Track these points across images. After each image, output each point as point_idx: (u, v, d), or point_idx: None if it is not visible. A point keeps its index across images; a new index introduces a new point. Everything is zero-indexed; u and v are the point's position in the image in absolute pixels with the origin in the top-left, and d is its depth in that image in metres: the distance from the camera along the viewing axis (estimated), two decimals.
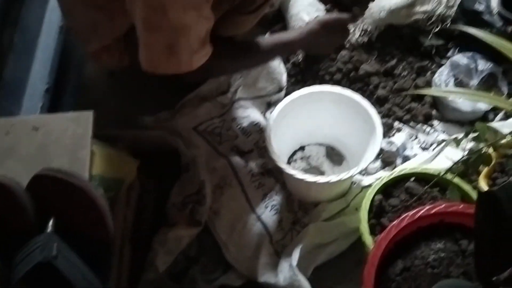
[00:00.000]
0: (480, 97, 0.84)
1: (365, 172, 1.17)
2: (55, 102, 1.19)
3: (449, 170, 0.90)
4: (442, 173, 0.87)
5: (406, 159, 1.19)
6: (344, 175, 1.00)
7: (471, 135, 0.82)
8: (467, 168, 0.88)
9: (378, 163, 1.20)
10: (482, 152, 0.81)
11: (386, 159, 1.19)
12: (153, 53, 0.94)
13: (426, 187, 0.91)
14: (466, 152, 0.84)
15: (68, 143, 0.83)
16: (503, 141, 0.92)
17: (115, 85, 1.29)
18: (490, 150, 0.99)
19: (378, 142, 1.02)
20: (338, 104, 1.13)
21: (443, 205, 0.69)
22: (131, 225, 1.01)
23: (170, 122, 1.22)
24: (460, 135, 0.85)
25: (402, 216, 0.67)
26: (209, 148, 1.20)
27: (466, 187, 0.95)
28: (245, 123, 1.22)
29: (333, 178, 1.01)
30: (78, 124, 0.85)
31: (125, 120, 1.23)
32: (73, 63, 1.33)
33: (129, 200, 1.00)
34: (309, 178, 1.00)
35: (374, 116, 1.06)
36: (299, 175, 1.01)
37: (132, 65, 1.13)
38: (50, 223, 0.74)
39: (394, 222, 0.67)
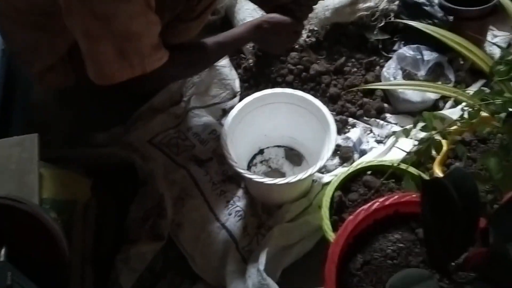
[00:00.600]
0: (426, 87, 0.86)
1: (324, 169, 1.18)
2: (3, 127, 1.15)
3: (403, 160, 0.92)
4: (395, 164, 0.88)
5: (363, 153, 1.21)
6: (302, 175, 1.00)
7: (420, 125, 0.84)
8: (419, 157, 0.90)
9: (336, 160, 1.21)
10: (432, 140, 0.83)
11: (344, 155, 1.21)
12: (103, 63, 0.91)
13: (382, 179, 0.93)
14: (417, 142, 0.86)
15: (14, 168, 0.81)
16: (452, 128, 0.94)
17: (63, 104, 1.25)
18: (440, 138, 1.02)
19: (333, 139, 1.03)
20: (291, 105, 1.14)
21: (396, 196, 0.70)
22: (91, 246, 0.98)
23: (123, 137, 1.20)
24: (409, 126, 0.87)
25: (358, 211, 0.68)
26: (167, 160, 1.18)
27: (422, 176, 0.97)
28: (201, 132, 1.21)
29: (292, 179, 1.00)
30: (23, 148, 0.82)
31: (77, 139, 1.20)
32: (19, 86, 1.29)
33: (87, 220, 0.97)
34: (269, 180, 1.00)
35: (327, 114, 1.07)
36: (259, 178, 1.00)
37: (78, 83, 1.11)
38: (2, 252, 0.71)
39: (350, 217, 0.67)
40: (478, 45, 1.30)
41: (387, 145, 1.15)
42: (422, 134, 1.05)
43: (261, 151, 1.26)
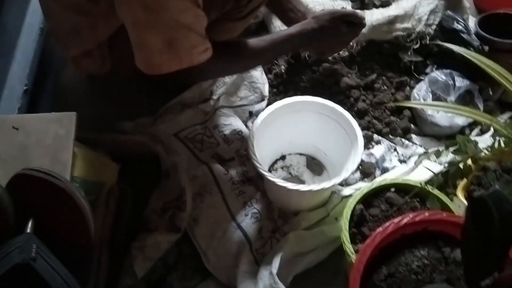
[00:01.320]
0: (460, 111, 0.87)
1: (345, 182, 1.19)
2: (32, 104, 1.17)
3: (428, 181, 0.92)
4: (423, 184, 0.89)
5: (385, 170, 1.21)
6: (326, 184, 1.01)
7: (452, 148, 0.84)
8: (446, 180, 0.90)
9: (357, 174, 1.21)
10: (462, 164, 0.83)
11: (366, 170, 1.21)
12: (152, 54, 0.93)
13: (407, 197, 0.93)
14: (446, 164, 0.86)
15: (49, 144, 0.82)
16: (482, 154, 0.95)
17: (94, 90, 1.27)
18: (470, 163, 1.02)
19: (359, 152, 1.04)
20: (320, 114, 1.14)
21: (427, 214, 0.71)
22: (109, 230, 0.99)
23: (150, 128, 1.21)
24: (440, 148, 0.87)
25: (387, 224, 0.68)
26: (190, 155, 1.19)
27: (444, 198, 0.98)
28: (227, 131, 1.22)
29: (315, 187, 1.01)
30: (61, 125, 0.83)
31: (103, 125, 1.21)
32: (53, 65, 1.31)
33: (108, 205, 0.98)
34: (292, 186, 1.00)
35: (356, 127, 1.08)
36: (282, 182, 1.01)
37: (113, 71, 1.12)
38: (29, 224, 0.72)
39: (379, 229, 0.68)
40: None
41: (410, 165, 1.16)
42: (447, 158, 1.06)
43: (283, 157, 1.27)
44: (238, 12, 0.99)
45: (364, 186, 1.01)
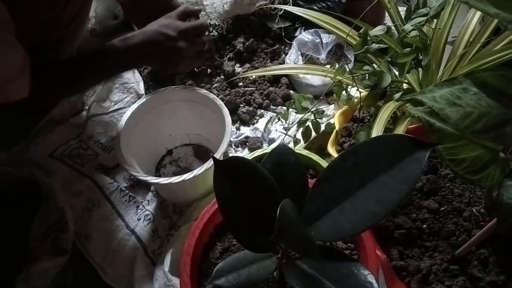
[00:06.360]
0: (298, 70, 0.86)
1: None
2: None
3: (296, 142, 0.91)
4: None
5: (272, 142, 1.20)
6: (206, 165, 0.98)
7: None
8: (306, 139, 0.90)
9: (246, 151, 1.20)
10: (308, 120, 0.82)
11: (252, 146, 1.20)
12: None
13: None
14: (292, 125, 0.85)
15: None
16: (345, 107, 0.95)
17: None
18: (337, 116, 1.02)
19: (228, 130, 1.02)
20: (188, 102, 1.12)
21: None
22: None
23: (26, 154, 1.16)
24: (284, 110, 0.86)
25: (214, 200, 0.67)
26: (72, 172, 1.16)
27: (315, 157, 0.97)
28: (103, 139, 1.18)
29: (197, 171, 0.98)
30: None
31: None
32: None
33: None
34: (164, 180, 0.98)
35: (220, 104, 1.06)
36: (152, 179, 0.98)
37: None
38: None
39: (206, 208, 0.66)
40: (377, 23, 1.32)
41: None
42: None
43: (169, 152, 1.24)
44: (58, 21, 0.95)
45: None
